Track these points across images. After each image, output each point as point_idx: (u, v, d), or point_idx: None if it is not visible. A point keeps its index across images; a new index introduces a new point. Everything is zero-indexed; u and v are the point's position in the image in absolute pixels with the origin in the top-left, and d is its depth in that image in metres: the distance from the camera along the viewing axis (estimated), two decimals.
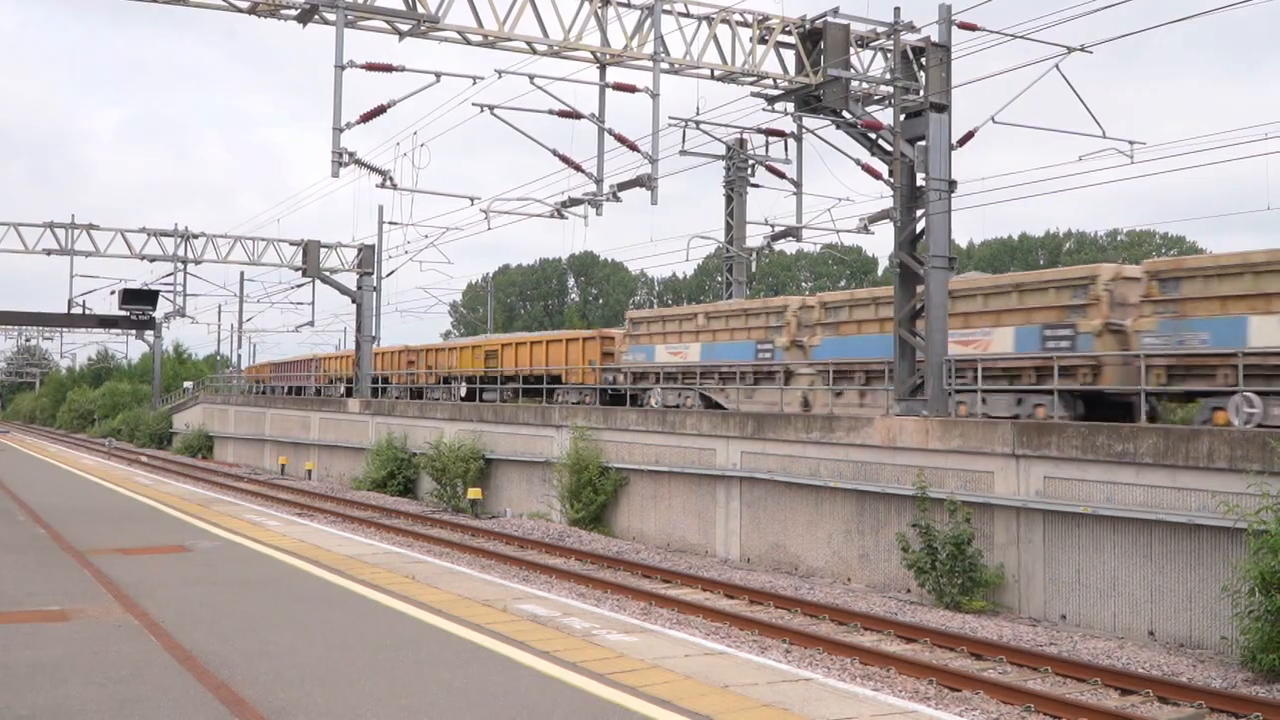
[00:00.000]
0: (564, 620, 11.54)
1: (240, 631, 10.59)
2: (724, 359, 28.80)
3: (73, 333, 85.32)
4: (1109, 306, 20.01)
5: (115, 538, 17.53)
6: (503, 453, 32.73)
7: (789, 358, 26.93)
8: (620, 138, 21.76)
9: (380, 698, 8.29)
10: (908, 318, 21.71)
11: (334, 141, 19.81)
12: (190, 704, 8.03)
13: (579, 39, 20.31)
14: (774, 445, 23.19)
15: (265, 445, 53.37)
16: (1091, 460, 17.18)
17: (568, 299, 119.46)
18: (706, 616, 17.62)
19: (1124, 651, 15.33)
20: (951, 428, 19.63)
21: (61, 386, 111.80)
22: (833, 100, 21.45)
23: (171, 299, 51.90)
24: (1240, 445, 15.23)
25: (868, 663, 14.71)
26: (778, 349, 27.23)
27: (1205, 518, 15.55)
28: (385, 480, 37.78)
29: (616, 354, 33.76)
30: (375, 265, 47.86)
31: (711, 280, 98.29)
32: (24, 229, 43.63)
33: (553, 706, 8.16)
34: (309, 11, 19.24)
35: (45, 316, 63.88)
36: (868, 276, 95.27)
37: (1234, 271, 17.99)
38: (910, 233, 21.81)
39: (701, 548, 25.13)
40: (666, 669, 9.46)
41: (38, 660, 9.25)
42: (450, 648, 10.12)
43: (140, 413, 76.02)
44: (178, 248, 46.95)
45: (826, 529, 22.05)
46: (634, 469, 27.30)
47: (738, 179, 34.25)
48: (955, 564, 18.34)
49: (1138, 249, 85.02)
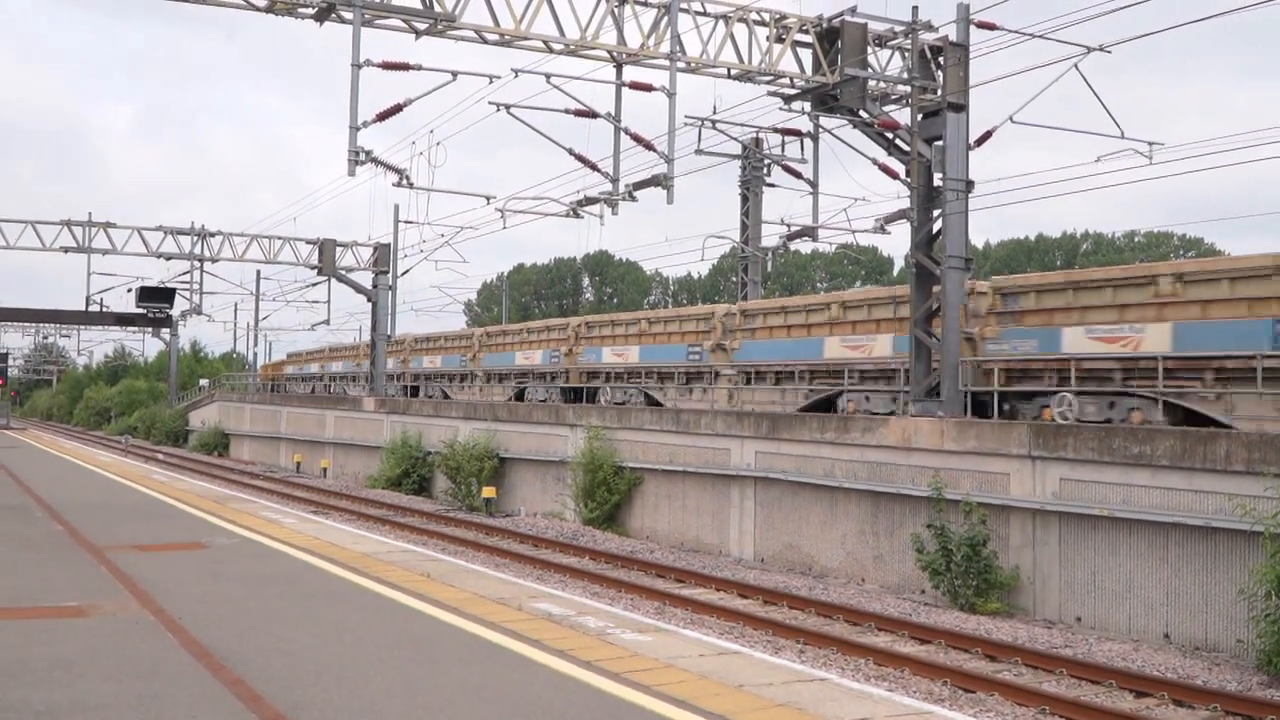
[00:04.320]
0: (579, 619, 11.56)
1: (257, 628, 10.63)
2: (660, 360, 31.61)
3: (90, 330, 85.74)
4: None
5: (132, 534, 17.61)
6: (517, 452, 32.77)
7: (714, 360, 29.31)
8: (636, 137, 21.78)
9: (396, 695, 8.31)
10: (924, 318, 21.66)
11: (351, 140, 19.87)
12: (207, 700, 8.07)
13: (595, 38, 20.33)
14: (788, 445, 23.17)
15: (281, 443, 53.56)
16: (1108, 462, 17.12)
17: (582, 298, 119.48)
18: (721, 616, 17.61)
19: (1139, 654, 15.27)
20: (967, 429, 19.58)
21: (78, 384, 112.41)
22: (850, 99, 21.41)
23: (188, 297, 52.17)
24: (1258, 448, 15.16)
25: (882, 663, 14.69)
26: (705, 351, 29.74)
27: (1222, 520, 15.47)
28: (400, 479, 37.87)
29: (572, 354, 36.47)
30: (391, 264, 47.98)
31: (726, 280, 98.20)
32: (41, 227, 43.90)
33: (568, 705, 8.17)
34: (326, 10, 19.29)
35: (62, 314, 64.28)
36: (883, 276, 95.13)
37: (1057, 288, 20.22)
38: (927, 233, 21.77)
39: (715, 548, 25.13)
40: (681, 668, 9.47)
41: (56, 656, 9.30)
42: (466, 645, 10.14)
43: (156, 410, 76.33)
44: (194, 246, 47.16)
45: (841, 530, 22.02)
46: (648, 468, 27.31)
47: (753, 178, 34.21)
48: (970, 565, 18.29)
49: (1155, 250, 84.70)
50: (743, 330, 28.44)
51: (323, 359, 64.96)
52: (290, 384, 69.18)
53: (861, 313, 25.22)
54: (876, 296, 25.46)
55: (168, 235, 46.37)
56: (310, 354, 69.61)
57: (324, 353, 65.39)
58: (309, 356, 69.44)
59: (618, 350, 33.49)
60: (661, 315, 33.80)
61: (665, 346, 31.55)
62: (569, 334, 36.08)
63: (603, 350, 34.18)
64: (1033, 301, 20.59)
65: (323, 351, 65.88)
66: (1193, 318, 18.03)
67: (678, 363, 30.68)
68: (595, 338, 35.10)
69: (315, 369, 65.48)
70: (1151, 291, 18.69)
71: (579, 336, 35.56)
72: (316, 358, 66.81)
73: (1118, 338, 19.00)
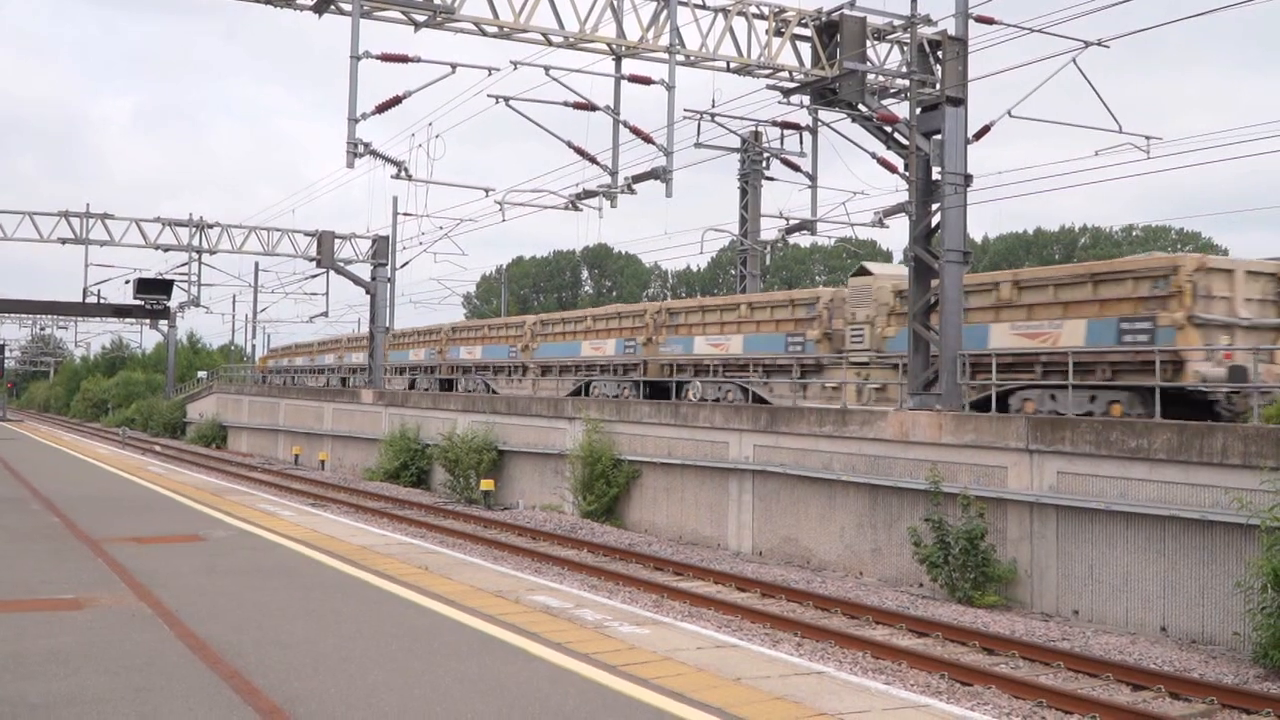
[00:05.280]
0: (576, 612, 11.56)
1: (254, 621, 10.62)
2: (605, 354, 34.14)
3: (87, 322, 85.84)
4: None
5: (129, 526, 17.60)
6: (515, 444, 32.77)
7: (645, 354, 32.17)
8: (635, 130, 21.76)
9: (393, 687, 8.31)
10: (922, 312, 21.66)
11: (349, 132, 19.83)
12: (204, 693, 8.07)
13: (595, 31, 20.29)
14: (787, 439, 23.18)
15: (279, 435, 53.56)
16: (1105, 456, 17.13)
17: (581, 291, 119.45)
18: (719, 609, 17.63)
19: (1136, 647, 15.30)
20: (965, 422, 19.59)
21: (76, 375, 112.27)
22: (849, 93, 21.39)
23: (186, 288, 52.04)
24: (1254, 441, 15.17)
25: (880, 656, 14.71)
26: (639, 345, 32.51)
27: (1218, 514, 15.49)
28: (398, 471, 37.86)
29: (529, 350, 38.77)
30: (389, 256, 47.92)
31: (725, 273, 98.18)
32: (39, 218, 43.73)
33: (565, 697, 8.17)
34: (325, 2, 19.25)
35: (60, 305, 64.09)
36: None
37: (985, 289, 22.19)
38: (925, 226, 21.75)
39: (714, 541, 25.14)
40: (679, 661, 9.47)
41: (52, 649, 9.30)
42: (463, 638, 10.14)
43: (154, 402, 76.27)
44: (192, 237, 47.05)
45: (839, 523, 22.03)
46: (647, 461, 27.31)
47: (752, 172, 34.21)
48: (968, 559, 18.31)
49: (1153, 244, 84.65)
50: (669, 327, 31.38)
51: (312, 352, 65.63)
52: (286, 375, 69.56)
53: (737, 313, 29.12)
54: (758, 301, 28.76)
55: (166, 227, 46.25)
56: (303, 346, 70.22)
57: (312, 347, 66.13)
58: (299, 349, 70.16)
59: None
60: (601, 313, 34.65)
61: (606, 340, 33.02)
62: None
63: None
64: None
65: (321, 340, 66.53)
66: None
67: (616, 356, 32.56)
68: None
69: (303, 361, 66.09)
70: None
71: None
72: (304, 351, 67.51)
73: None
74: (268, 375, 70.91)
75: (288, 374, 69.10)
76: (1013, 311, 21.45)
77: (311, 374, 63.44)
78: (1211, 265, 19.08)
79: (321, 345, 65.40)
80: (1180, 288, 18.62)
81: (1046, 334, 20.62)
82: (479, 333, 44.58)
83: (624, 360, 33.25)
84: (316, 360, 64.64)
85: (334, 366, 60.29)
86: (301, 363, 68.08)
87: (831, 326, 26.36)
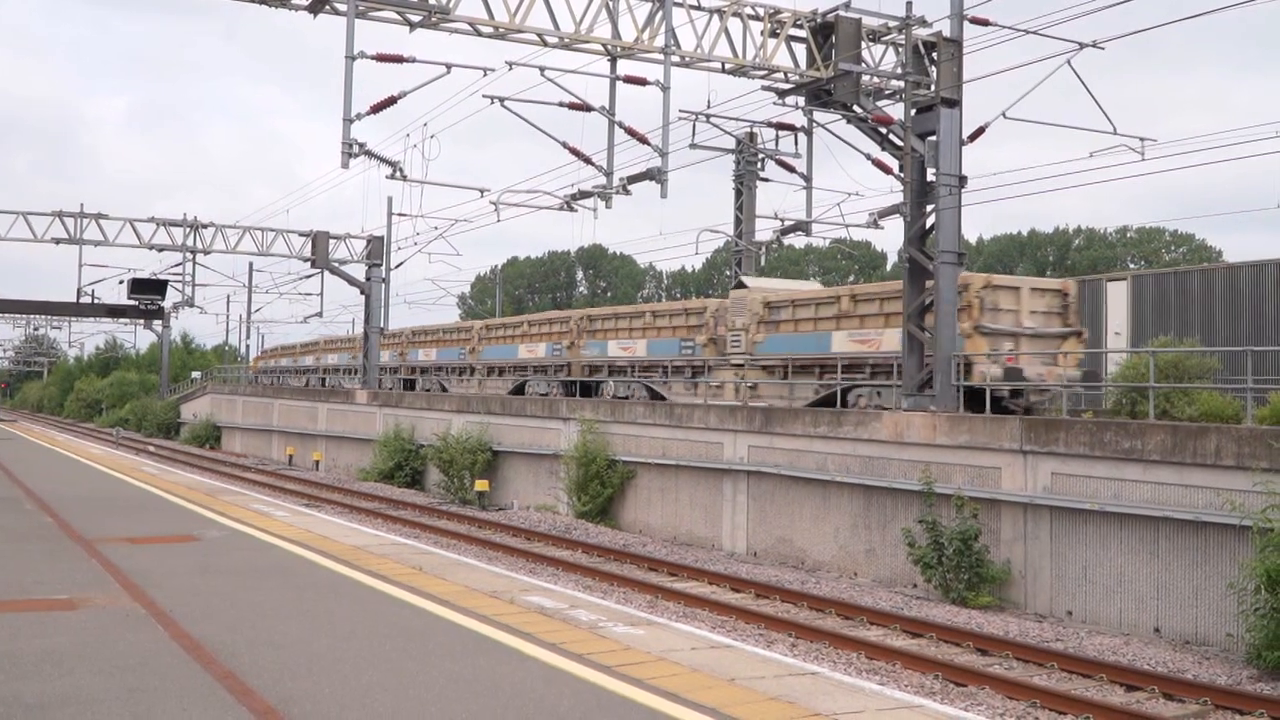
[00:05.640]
0: (571, 612, 11.56)
1: (248, 621, 10.61)
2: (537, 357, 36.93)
3: (81, 322, 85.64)
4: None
5: (123, 527, 17.57)
6: (510, 445, 32.76)
7: (570, 356, 34.56)
8: (630, 130, 21.78)
9: (387, 688, 8.31)
10: (916, 313, 21.66)
11: (344, 132, 19.84)
12: (198, 693, 8.06)
13: (590, 31, 20.30)
14: (781, 439, 23.19)
15: (273, 436, 53.49)
16: (1099, 457, 17.16)
17: (576, 291, 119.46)
18: (713, 610, 17.63)
19: (1130, 648, 15.32)
20: (959, 423, 19.61)
21: (69, 376, 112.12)
22: (844, 94, 21.41)
23: (180, 289, 51.94)
24: (1248, 443, 15.20)
25: (874, 657, 14.72)
26: (564, 349, 34.95)
27: (1212, 515, 15.52)
28: (392, 471, 37.83)
29: (475, 352, 40.99)
30: (384, 256, 47.85)
31: (720, 274, 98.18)
32: (33, 218, 43.65)
33: (560, 698, 8.17)
34: (320, 2, 19.24)
35: (53, 305, 63.99)
36: (876, 271, 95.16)
37: (828, 301, 25.25)
38: (920, 228, 21.77)
39: (708, 541, 25.15)
40: (673, 661, 9.47)
41: (46, 649, 9.28)
42: (457, 638, 10.13)
43: (148, 402, 76.18)
44: (186, 237, 46.96)
45: (833, 523, 22.04)
46: (641, 462, 27.32)
47: (747, 173, 34.20)
48: (962, 559, 18.34)
49: (1147, 245, 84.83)
50: (588, 332, 33.44)
51: (297, 353, 66.01)
52: (281, 375, 69.68)
53: (644, 319, 31.86)
54: (659, 310, 31.79)
55: (160, 227, 46.17)
56: (287, 348, 70.65)
57: (295, 348, 66.59)
58: (283, 351, 70.57)
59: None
60: (537, 319, 37.00)
61: (543, 344, 35.74)
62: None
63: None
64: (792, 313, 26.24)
65: (303, 343, 66.93)
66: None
67: (547, 358, 35.33)
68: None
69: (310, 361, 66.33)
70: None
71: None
72: (293, 351, 67.87)
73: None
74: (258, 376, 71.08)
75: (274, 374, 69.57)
76: (849, 320, 24.51)
77: (295, 374, 64.18)
78: (998, 283, 21.93)
79: (304, 348, 66.04)
80: (970, 302, 21.36)
81: (873, 340, 23.88)
82: (434, 336, 47.61)
83: (553, 361, 36.24)
84: (299, 361, 65.19)
85: (313, 367, 60.99)
86: (286, 364, 68.53)
87: (716, 333, 28.84)
